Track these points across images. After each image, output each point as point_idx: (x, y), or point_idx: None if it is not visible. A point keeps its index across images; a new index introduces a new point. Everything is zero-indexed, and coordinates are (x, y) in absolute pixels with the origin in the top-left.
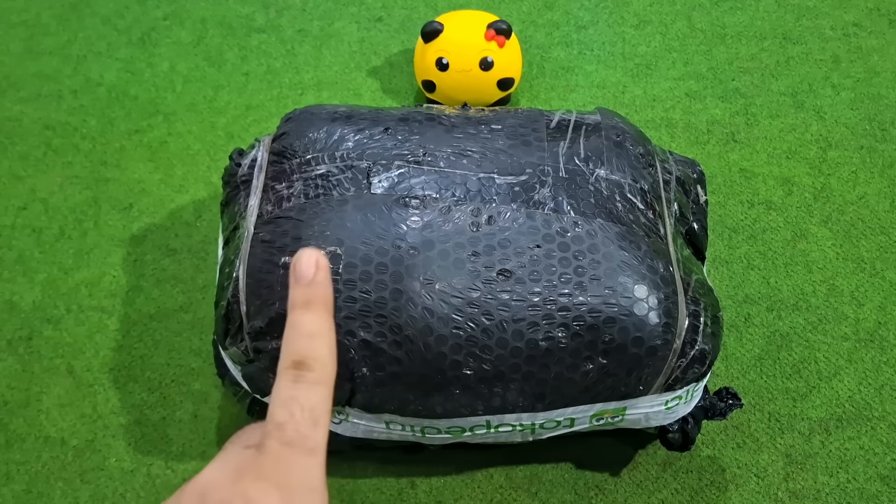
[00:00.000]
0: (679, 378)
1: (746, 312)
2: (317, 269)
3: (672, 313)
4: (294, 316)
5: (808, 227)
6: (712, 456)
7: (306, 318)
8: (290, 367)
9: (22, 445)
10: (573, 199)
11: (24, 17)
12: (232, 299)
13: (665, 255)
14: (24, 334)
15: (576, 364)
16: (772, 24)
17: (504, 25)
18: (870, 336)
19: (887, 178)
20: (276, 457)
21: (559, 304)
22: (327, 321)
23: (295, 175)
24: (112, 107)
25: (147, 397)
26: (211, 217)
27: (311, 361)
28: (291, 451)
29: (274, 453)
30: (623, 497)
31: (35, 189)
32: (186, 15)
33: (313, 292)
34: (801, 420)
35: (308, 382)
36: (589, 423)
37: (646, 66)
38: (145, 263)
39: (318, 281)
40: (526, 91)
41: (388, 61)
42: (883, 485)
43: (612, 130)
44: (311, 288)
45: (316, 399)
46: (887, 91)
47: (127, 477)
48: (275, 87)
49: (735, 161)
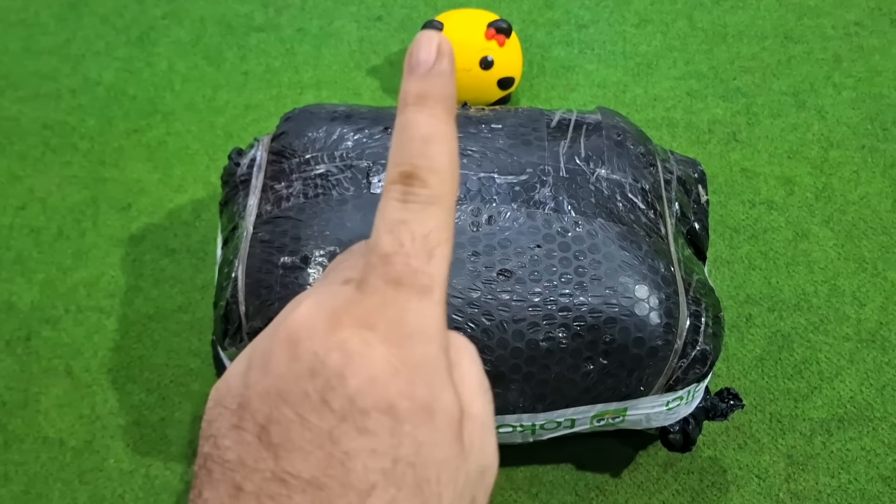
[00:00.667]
0: (680, 378)
1: (748, 313)
2: (438, 54)
3: (673, 313)
4: (405, 115)
5: (809, 227)
6: (713, 457)
7: (421, 118)
8: (398, 180)
9: (20, 446)
10: (574, 198)
11: (22, 17)
12: (231, 299)
13: (666, 255)
14: (22, 335)
15: (576, 364)
16: (773, 24)
17: (504, 24)
18: (871, 336)
19: (889, 177)
20: (380, 298)
21: (560, 304)
22: (447, 123)
23: (294, 175)
24: (111, 106)
25: (146, 398)
26: (210, 217)
27: (426, 173)
28: (400, 291)
29: (378, 293)
30: (624, 498)
31: (33, 189)
32: (185, 14)
33: (431, 84)
34: (803, 421)
35: (421, 201)
36: (590, 423)
37: (647, 66)
38: (144, 263)
39: (440, 70)
40: (526, 90)
41: (387, 60)
42: (884, 485)
43: (613, 130)
44: (429, 78)
45: (432, 223)
46: (889, 90)
47: (125, 478)
48: (274, 87)
49: (736, 161)
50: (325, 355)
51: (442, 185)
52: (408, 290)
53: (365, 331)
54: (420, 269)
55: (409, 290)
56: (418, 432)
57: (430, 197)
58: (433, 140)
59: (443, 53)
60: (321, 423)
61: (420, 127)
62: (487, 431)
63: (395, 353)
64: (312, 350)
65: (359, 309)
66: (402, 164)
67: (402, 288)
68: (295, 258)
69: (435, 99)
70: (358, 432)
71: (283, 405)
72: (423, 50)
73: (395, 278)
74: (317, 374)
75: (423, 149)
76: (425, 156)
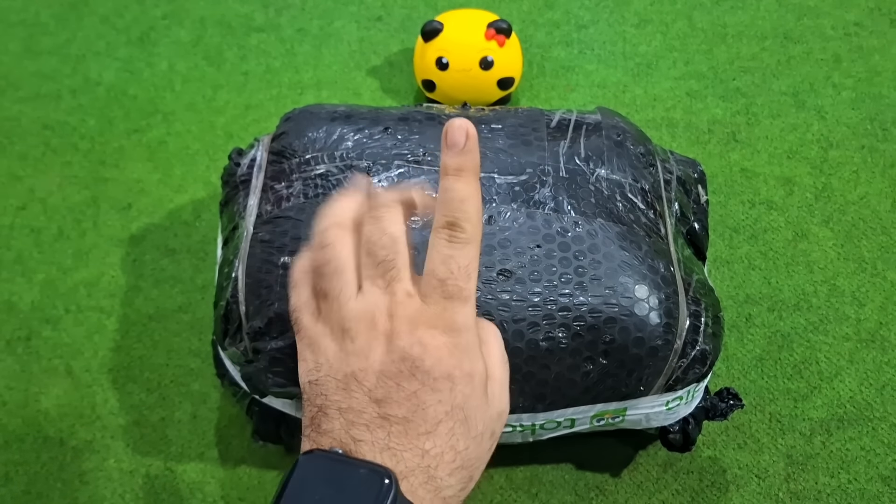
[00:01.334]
0: (680, 378)
1: (747, 313)
2: (467, 137)
3: (673, 313)
4: (447, 181)
5: (809, 227)
6: (713, 457)
7: (458, 185)
8: (445, 226)
9: (21, 446)
10: (573, 198)
11: (22, 17)
12: (231, 299)
13: (666, 255)
14: (22, 335)
15: (576, 364)
16: (773, 24)
17: (504, 25)
18: (871, 336)
19: (888, 177)
20: (441, 307)
21: (560, 304)
22: (475, 186)
23: (294, 175)
24: (111, 106)
25: (146, 398)
26: (210, 217)
27: (464, 223)
28: (452, 302)
29: (439, 305)
30: (624, 498)
31: (34, 189)
32: (185, 14)
33: (464, 159)
34: (803, 421)
35: (461, 242)
36: (589, 423)
37: (646, 66)
38: (144, 263)
39: (469, 149)
40: (526, 90)
41: (387, 61)
42: (884, 485)
43: (613, 130)
44: (462, 155)
45: (469, 257)
46: (888, 91)
47: (126, 478)
48: (274, 87)
49: (736, 161)
50: (410, 348)
51: (474, 229)
52: (456, 301)
53: (432, 329)
54: (464, 287)
55: (456, 301)
56: (465, 389)
57: (467, 239)
58: (467, 200)
59: (470, 136)
60: (410, 386)
61: (458, 191)
62: (504, 388)
63: (451, 341)
64: (401, 345)
65: (426, 316)
66: (448, 216)
67: (453, 300)
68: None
69: (467, 170)
70: (432, 390)
71: (384, 378)
72: (456, 134)
73: (449, 294)
74: (406, 359)
75: (460, 206)
76: (462, 210)
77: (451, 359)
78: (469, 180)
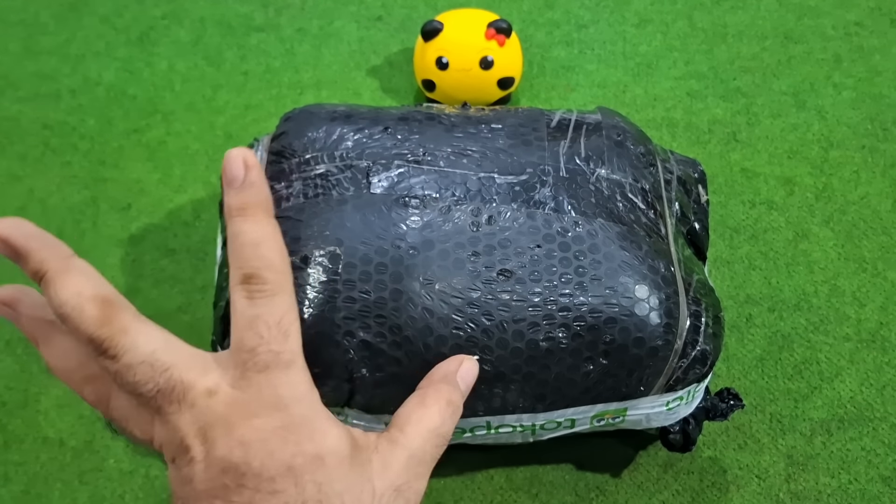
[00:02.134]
0: (680, 379)
1: (748, 313)
2: (246, 169)
3: (673, 314)
4: (233, 225)
5: (809, 228)
6: (713, 457)
7: (247, 226)
8: (242, 281)
9: (20, 446)
10: (574, 198)
11: (22, 17)
12: None
13: (666, 255)
14: (22, 335)
15: (576, 365)
16: (773, 24)
17: (504, 24)
18: (871, 337)
19: (889, 177)
20: (256, 388)
21: (560, 304)
22: (269, 224)
23: (294, 175)
24: (110, 106)
25: None
26: (210, 217)
27: (264, 272)
28: (270, 374)
29: (254, 384)
30: (624, 498)
31: (33, 189)
32: (185, 14)
33: (247, 195)
34: (803, 421)
35: (266, 296)
36: (590, 423)
37: (647, 66)
38: (144, 264)
39: (251, 182)
40: (526, 90)
41: (387, 60)
42: (884, 486)
43: (613, 130)
44: (244, 191)
45: (280, 310)
46: (889, 91)
47: (126, 478)
48: (274, 87)
49: (736, 161)
50: (230, 455)
51: (279, 276)
52: (274, 370)
53: (253, 419)
54: (281, 349)
55: (275, 369)
56: (316, 476)
57: (271, 290)
58: (261, 243)
59: (250, 167)
60: (242, 499)
61: (248, 234)
62: (414, 461)
63: (280, 423)
64: (218, 455)
65: (241, 406)
66: (242, 268)
67: (270, 370)
68: (295, 258)
69: (254, 207)
70: (271, 495)
71: (211, 499)
72: (233, 167)
73: (264, 366)
74: (227, 470)
75: (254, 252)
76: (258, 257)
77: (285, 446)
78: (259, 219)
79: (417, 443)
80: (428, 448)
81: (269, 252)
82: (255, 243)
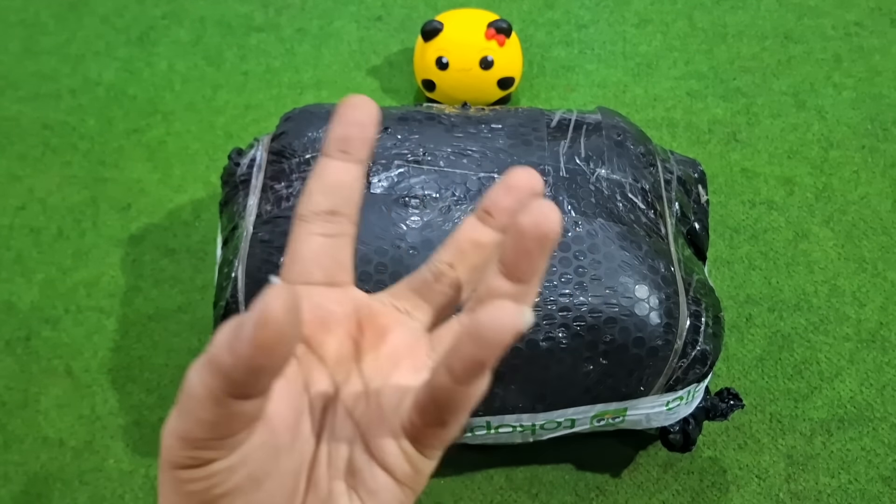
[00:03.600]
0: (680, 379)
1: (748, 313)
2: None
3: (673, 314)
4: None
5: (809, 227)
6: (713, 457)
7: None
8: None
9: (20, 446)
10: (574, 198)
11: (22, 17)
12: (231, 299)
13: (666, 255)
14: (22, 335)
15: (576, 365)
16: (773, 24)
17: (504, 24)
18: (871, 337)
19: (889, 177)
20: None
21: (560, 304)
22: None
23: (294, 174)
24: (110, 106)
25: (145, 398)
26: (210, 217)
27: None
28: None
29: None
30: (624, 498)
31: (33, 189)
32: (185, 14)
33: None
34: (803, 421)
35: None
36: (590, 423)
37: (647, 66)
38: (144, 264)
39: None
40: (526, 90)
41: (387, 60)
42: (884, 486)
43: (613, 130)
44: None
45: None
46: (889, 90)
47: (125, 478)
48: (274, 87)
49: (736, 161)
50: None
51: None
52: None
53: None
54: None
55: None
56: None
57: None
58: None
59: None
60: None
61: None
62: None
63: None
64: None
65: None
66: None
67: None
68: None
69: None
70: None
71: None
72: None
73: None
74: None
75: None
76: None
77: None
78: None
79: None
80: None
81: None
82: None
